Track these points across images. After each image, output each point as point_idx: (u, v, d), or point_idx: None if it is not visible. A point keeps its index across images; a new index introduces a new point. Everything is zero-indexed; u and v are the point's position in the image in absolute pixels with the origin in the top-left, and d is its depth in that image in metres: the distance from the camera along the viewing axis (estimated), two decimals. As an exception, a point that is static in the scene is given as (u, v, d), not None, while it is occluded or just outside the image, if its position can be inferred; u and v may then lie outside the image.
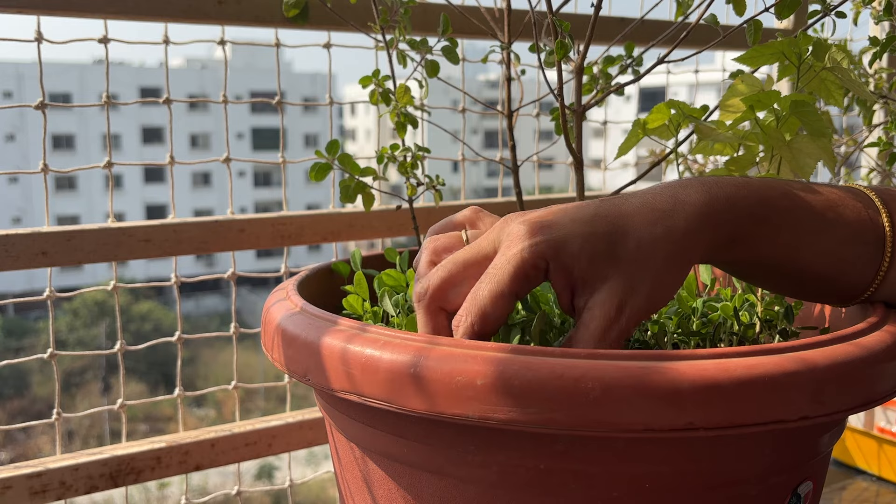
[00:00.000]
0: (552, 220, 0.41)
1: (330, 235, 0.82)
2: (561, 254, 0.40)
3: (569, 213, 0.41)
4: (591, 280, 0.40)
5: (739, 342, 0.53)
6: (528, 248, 0.40)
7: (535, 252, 0.40)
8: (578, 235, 0.40)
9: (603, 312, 0.40)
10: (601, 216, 0.41)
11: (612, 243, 0.40)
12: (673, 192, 0.43)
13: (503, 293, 0.40)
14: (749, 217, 0.43)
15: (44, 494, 0.71)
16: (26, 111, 1.49)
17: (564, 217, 0.41)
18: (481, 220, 0.49)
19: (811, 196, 0.44)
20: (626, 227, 0.41)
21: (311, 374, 0.43)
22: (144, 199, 25.02)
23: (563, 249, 0.40)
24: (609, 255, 0.40)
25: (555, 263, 0.40)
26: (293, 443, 0.82)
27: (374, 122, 0.80)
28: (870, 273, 0.45)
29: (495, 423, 0.36)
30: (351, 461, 0.47)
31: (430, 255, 0.46)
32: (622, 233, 0.41)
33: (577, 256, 0.40)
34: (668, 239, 0.41)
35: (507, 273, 0.40)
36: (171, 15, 0.73)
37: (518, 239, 0.40)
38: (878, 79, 0.91)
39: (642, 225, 0.41)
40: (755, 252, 0.44)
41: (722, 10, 4.90)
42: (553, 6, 0.59)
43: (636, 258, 0.40)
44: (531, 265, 0.40)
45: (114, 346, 0.78)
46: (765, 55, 0.55)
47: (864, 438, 0.93)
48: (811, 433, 0.42)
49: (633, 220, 0.41)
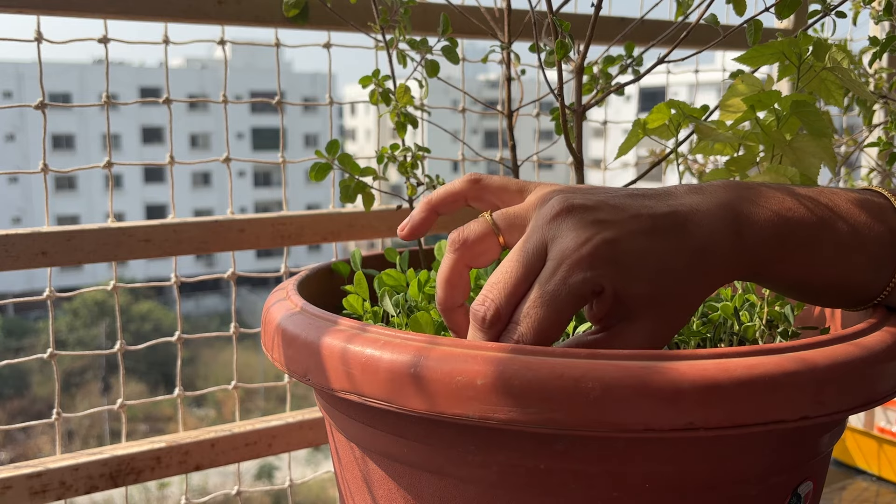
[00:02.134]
0: (615, 236, 0.39)
1: (330, 235, 0.82)
2: (620, 282, 0.39)
3: (628, 225, 0.40)
4: (634, 306, 0.40)
5: (739, 342, 0.53)
6: (591, 278, 0.39)
7: (596, 283, 0.39)
8: (638, 260, 0.39)
9: (635, 341, 0.40)
10: (663, 230, 0.40)
11: (663, 273, 0.40)
12: (734, 213, 0.42)
13: (564, 320, 0.39)
14: (780, 243, 0.42)
15: (44, 494, 0.71)
16: (26, 111, 1.49)
17: (625, 231, 0.40)
18: (486, 191, 0.48)
19: (831, 208, 0.43)
20: (676, 248, 0.40)
21: (311, 374, 0.43)
22: (144, 199, 25.02)
23: (623, 277, 0.39)
24: (656, 291, 0.40)
25: (612, 290, 0.39)
26: (293, 443, 0.82)
27: (374, 122, 0.80)
28: (885, 277, 0.44)
29: (495, 423, 0.36)
30: (351, 461, 0.47)
31: (459, 251, 0.44)
32: (673, 252, 0.40)
33: (634, 283, 0.39)
34: (719, 271, 0.41)
35: (569, 301, 0.39)
36: (171, 15, 0.73)
37: (580, 264, 0.39)
38: (878, 79, 0.91)
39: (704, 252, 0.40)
40: (774, 272, 0.43)
41: (722, 10, 4.90)
42: (553, 6, 0.59)
43: (679, 293, 0.40)
44: (591, 293, 0.39)
45: (114, 346, 0.78)
46: (765, 55, 0.55)
47: (864, 438, 0.93)
48: (811, 433, 0.42)
49: (695, 241, 0.40)
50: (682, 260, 0.40)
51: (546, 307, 0.39)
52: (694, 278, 0.41)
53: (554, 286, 0.39)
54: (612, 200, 0.41)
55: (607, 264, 0.39)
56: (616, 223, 0.40)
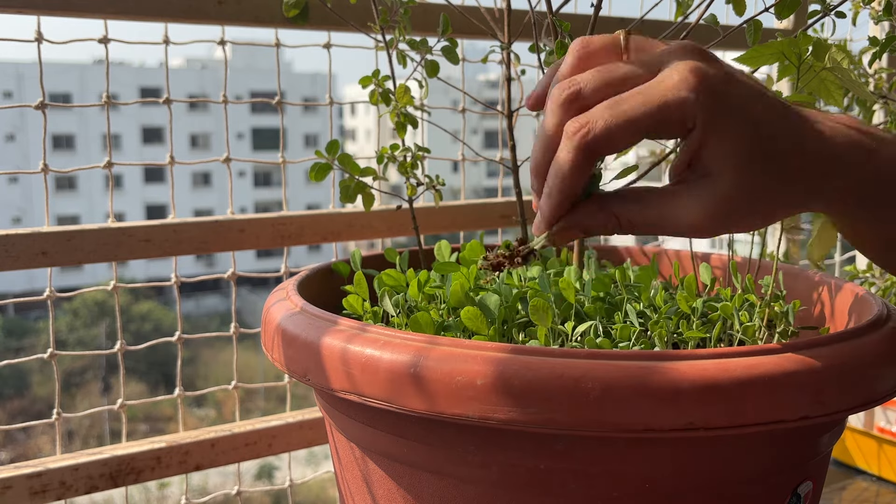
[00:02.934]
0: (733, 88, 0.37)
1: (330, 235, 0.82)
2: (713, 123, 0.36)
3: (753, 91, 0.38)
4: (717, 162, 0.37)
5: (739, 342, 0.53)
6: (688, 101, 0.36)
7: (693, 109, 0.36)
8: (745, 116, 0.37)
9: (703, 202, 0.37)
10: (781, 113, 0.38)
11: (770, 148, 0.37)
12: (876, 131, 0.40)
13: (639, 122, 0.36)
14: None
15: (44, 494, 0.71)
16: (26, 111, 1.49)
17: (748, 93, 0.37)
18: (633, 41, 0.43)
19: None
20: (794, 135, 0.38)
21: (311, 374, 0.43)
22: (144, 199, 25.02)
23: (720, 120, 0.36)
24: (753, 156, 0.37)
25: (701, 131, 0.36)
26: (293, 443, 0.82)
27: (374, 122, 0.80)
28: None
29: (495, 423, 0.36)
30: (351, 461, 0.47)
31: (579, 54, 0.41)
32: (789, 137, 0.38)
33: (728, 132, 0.37)
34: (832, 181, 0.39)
35: (654, 106, 0.36)
36: (171, 15, 0.73)
37: (687, 86, 0.36)
38: (878, 79, 0.91)
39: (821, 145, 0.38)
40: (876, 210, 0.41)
41: (722, 10, 4.90)
42: (553, 6, 0.59)
43: (780, 177, 0.37)
44: (678, 120, 0.36)
45: (114, 346, 0.78)
46: (765, 55, 0.55)
47: (864, 438, 0.93)
48: (811, 433, 0.42)
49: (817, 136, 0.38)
50: (798, 145, 0.38)
51: (630, 106, 0.36)
52: (802, 171, 0.38)
53: (649, 90, 0.37)
54: (751, 80, 0.39)
55: (713, 98, 0.36)
56: (743, 84, 0.38)
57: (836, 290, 0.56)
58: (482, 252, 0.59)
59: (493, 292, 0.49)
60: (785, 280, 0.61)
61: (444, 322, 0.49)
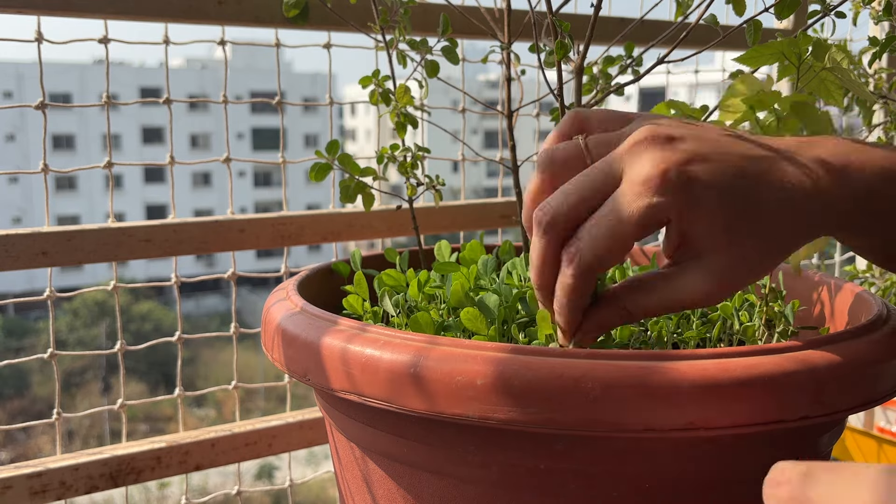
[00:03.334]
0: (693, 167, 0.38)
1: (330, 235, 0.82)
2: (687, 214, 0.38)
3: (713, 159, 0.38)
4: (702, 243, 0.39)
5: (739, 342, 0.53)
6: (656, 205, 0.37)
7: (664, 210, 0.37)
8: (715, 195, 0.38)
9: (699, 280, 0.39)
10: (745, 173, 0.38)
11: (745, 212, 0.38)
12: (845, 158, 0.40)
13: (620, 239, 0.38)
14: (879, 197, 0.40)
15: (44, 494, 0.71)
16: (26, 111, 1.49)
17: (708, 164, 0.38)
18: (588, 124, 0.45)
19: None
20: (765, 190, 0.38)
21: (311, 374, 0.43)
22: (144, 199, 25.03)
23: (692, 209, 0.38)
24: (733, 227, 0.38)
25: (678, 222, 0.38)
26: (293, 443, 0.82)
27: (374, 122, 0.80)
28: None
29: (495, 423, 0.36)
30: (351, 461, 0.47)
31: (547, 170, 0.42)
32: (760, 194, 0.38)
33: (704, 218, 0.38)
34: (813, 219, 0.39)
35: (629, 224, 0.38)
36: (171, 15, 0.73)
37: (650, 189, 0.37)
38: (878, 79, 0.91)
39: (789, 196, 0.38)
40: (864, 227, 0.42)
41: (722, 10, 4.90)
42: (553, 6, 0.59)
43: (760, 233, 0.38)
44: (655, 222, 0.38)
45: (114, 346, 0.78)
46: (765, 55, 0.55)
47: (864, 438, 0.93)
48: (811, 433, 0.42)
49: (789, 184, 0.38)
50: (771, 198, 0.38)
51: (607, 228, 0.38)
52: (782, 220, 0.39)
53: (618, 207, 0.38)
54: (704, 134, 0.40)
55: (677, 192, 0.37)
56: (700, 155, 0.38)
57: (836, 289, 0.56)
58: (482, 252, 0.59)
59: (493, 292, 0.49)
60: (785, 280, 0.61)
61: (444, 322, 0.49)
